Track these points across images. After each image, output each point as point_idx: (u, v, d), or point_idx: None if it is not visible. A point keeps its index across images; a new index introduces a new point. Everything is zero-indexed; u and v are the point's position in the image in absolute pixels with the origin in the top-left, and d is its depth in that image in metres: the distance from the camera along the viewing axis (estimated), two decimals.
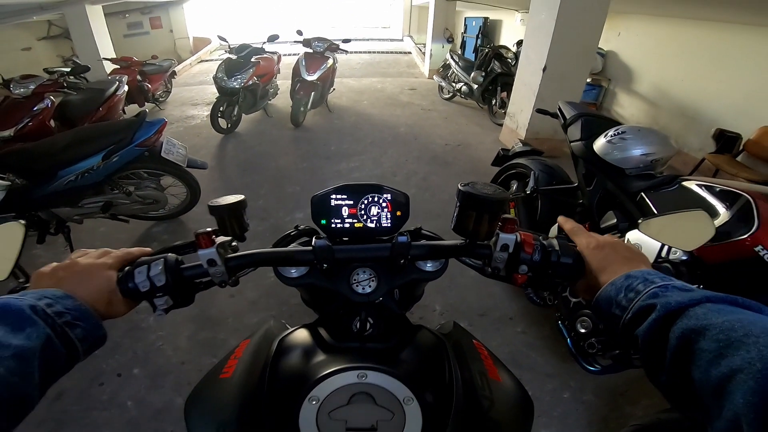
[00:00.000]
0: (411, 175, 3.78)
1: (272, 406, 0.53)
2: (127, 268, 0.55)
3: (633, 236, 1.41)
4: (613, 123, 1.86)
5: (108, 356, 1.90)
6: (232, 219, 0.62)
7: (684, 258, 1.26)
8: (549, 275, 0.58)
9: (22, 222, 0.58)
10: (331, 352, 0.60)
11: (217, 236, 0.60)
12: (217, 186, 3.58)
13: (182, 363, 1.87)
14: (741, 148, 3.54)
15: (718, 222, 1.21)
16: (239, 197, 0.64)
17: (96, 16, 6.49)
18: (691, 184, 1.38)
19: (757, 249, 1.07)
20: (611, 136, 1.70)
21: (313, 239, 0.61)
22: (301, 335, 0.65)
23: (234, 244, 0.65)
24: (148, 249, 0.60)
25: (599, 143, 1.76)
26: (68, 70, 4.42)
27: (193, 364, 1.86)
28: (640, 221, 0.62)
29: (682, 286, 0.44)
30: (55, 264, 0.52)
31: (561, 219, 0.65)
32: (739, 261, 1.11)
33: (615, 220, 1.68)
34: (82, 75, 4.47)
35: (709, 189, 1.31)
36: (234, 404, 0.55)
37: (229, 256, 0.59)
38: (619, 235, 1.58)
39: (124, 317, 0.57)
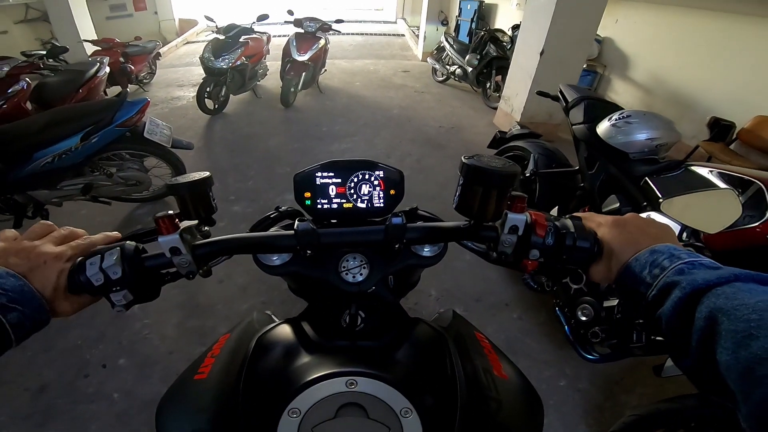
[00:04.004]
0: (405, 157, 3.75)
1: (248, 418, 0.46)
2: (79, 259, 0.47)
3: None
4: (616, 107, 1.83)
5: (92, 346, 1.83)
6: (195, 199, 0.55)
7: (691, 241, 1.23)
8: (563, 261, 0.51)
9: None
10: (316, 353, 0.54)
11: (181, 220, 0.52)
12: (203, 167, 3.48)
13: (170, 353, 1.81)
14: (734, 136, 3.56)
15: None
16: (204, 174, 0.56)
17: None
18: (699, 169, 1.34)
19: None
20: (615, 120, 1.66)
21: (296, 222, 0.54)
22: (283, 332, 0.58)
23: (205, 229, 0.57)
24: (117, 234, 0.53)
25: (603, 127, 1.72)
26: (45, 52, 4.27)
27: (181, 353, 1.80)
28: (661, 200, 0.56)
29: (710, 264, 0.39)
30: (20, 240, 0.46)
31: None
32: (750, 249, 1.07)
33: (617, 204, 1.65)
34: (61, 57, 4.32)
35: (720, 174, 1.27)
36: (208, 410, 0.49)
37: (197, 243, 0.51)
38: None
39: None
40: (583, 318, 1.50)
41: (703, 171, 1.33)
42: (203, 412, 0.49)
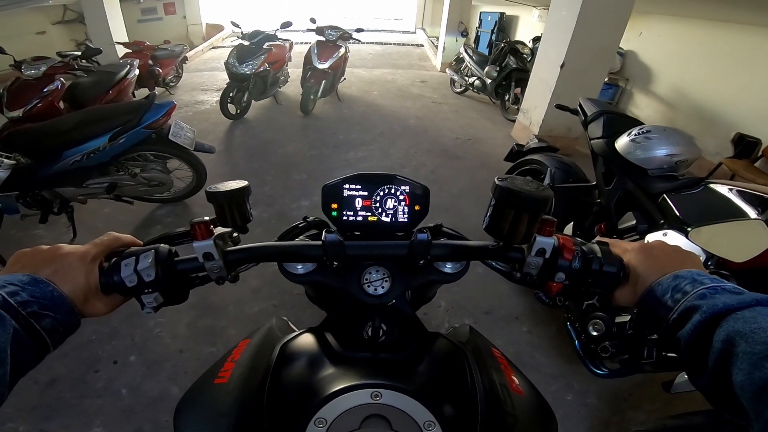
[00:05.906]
0: (420, 167, 3.73)
1: (273, 425, 0.47)
2: (114, 259, 0.49)
3: (652, 239, 1.35)
4: (636, 122, 1.79)
5: (105, 342, 1.86)
6: (233, 207, 0.56)
7: (707, 263, 1.20)
8: (588, 284, 0.52)
9: None
10: (340, 364, 0.54)
11: (215, 226, 0.54)
12: (223, 171, 3.55)
13: (180, 351, 1.83)
14: (760, 153, 3.43)
15: None
16: (242, 183, 0.57)
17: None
18: (719, 187, 1.31)
19: None
20: (635, 135, 1.63)
21: (323, 233, 0.55)
22: (307, 341, 0.59)
23: (235, 235, 0.59)
24: (138, 240, 0.55)
25: (622, 142, 1.68)
26: (80, 53, 4.41)
27: (191, 352, 1.82)
28: (689, 229, 0.56)
29: (733, 289, 0.40)
30: (39, 246, 0.47)
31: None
32: None
33: (634, 222, 1.61)
34: (93, 58, 4.45)
35: (739, 193, 1.24)
36: (230, 415, 0.50)
37: (229, 249, 0.53)
38: (637, 237, 1.52)
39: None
40: (594, 333, 1.47)
41: (722, 189, 1.29)
42: (225, 417, 0.50)
